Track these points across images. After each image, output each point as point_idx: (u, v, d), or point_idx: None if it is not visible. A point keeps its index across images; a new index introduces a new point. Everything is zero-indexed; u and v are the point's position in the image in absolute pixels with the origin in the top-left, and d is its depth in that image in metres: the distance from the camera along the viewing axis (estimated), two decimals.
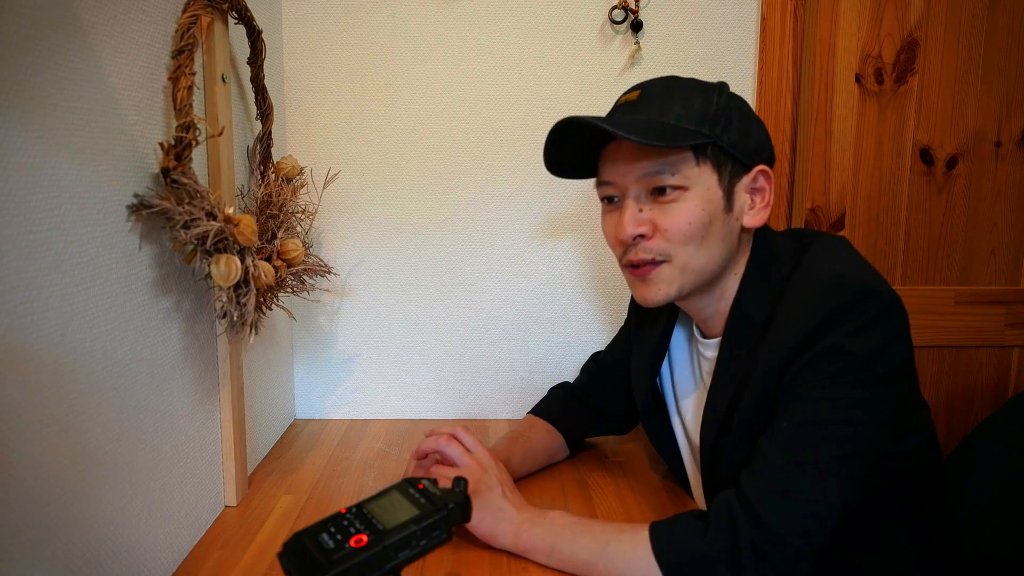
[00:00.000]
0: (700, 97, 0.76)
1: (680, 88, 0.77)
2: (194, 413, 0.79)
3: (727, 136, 0.75)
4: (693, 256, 0.76)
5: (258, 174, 0.98)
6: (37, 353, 0.52)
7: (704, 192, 0.75)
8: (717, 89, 0.78)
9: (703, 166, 0.75)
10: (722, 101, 0.76)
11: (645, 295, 0.79)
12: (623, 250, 0.79)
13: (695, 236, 0.75)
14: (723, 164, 0.76)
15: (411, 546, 0.53)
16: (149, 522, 0.69)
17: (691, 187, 0.75)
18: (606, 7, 1.16)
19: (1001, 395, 1.33)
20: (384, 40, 1.17)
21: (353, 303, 1.23)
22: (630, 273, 0.80)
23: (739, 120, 0.77)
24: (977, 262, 1.30)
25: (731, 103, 0.77)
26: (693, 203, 0.75)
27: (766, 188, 0.78)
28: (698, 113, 0.75)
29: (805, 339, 0.69)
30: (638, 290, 0.80)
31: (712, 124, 0.75)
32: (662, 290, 0.78)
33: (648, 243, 0.76)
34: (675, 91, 0.77)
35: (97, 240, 0.60)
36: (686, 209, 0.74)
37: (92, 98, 0.59)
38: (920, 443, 0.78)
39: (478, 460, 0.83)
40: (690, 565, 0.67)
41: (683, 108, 0.75)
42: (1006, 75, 1.25)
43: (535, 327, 1.24)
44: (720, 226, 0.76)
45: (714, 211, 0.75)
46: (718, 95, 0.77)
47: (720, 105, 0.76)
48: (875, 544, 0.77)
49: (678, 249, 0.76)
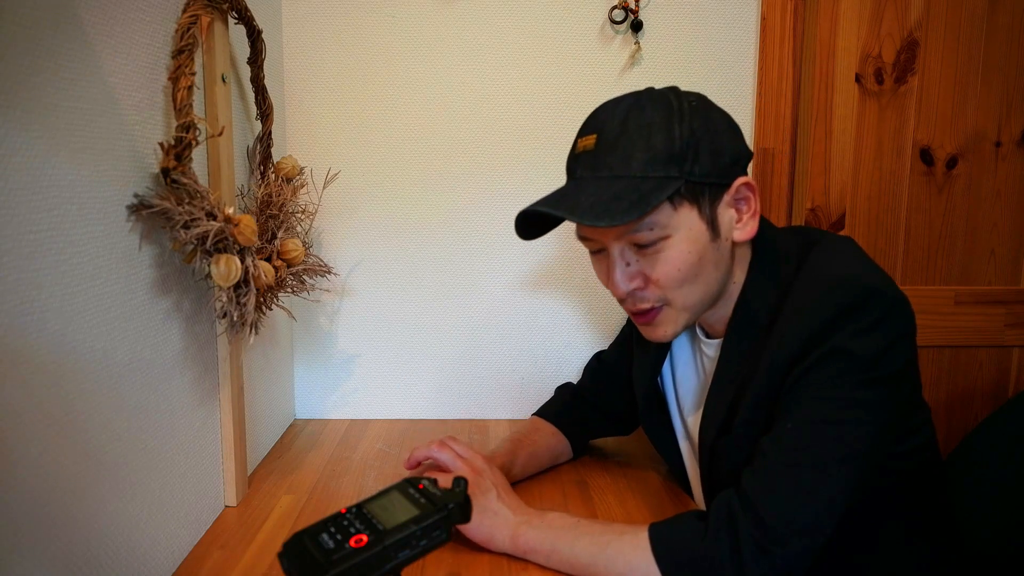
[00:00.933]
0: (661, 133, 0.71)
1: (639, 127, 0.72)
2: (194, 413, 0.79)
3: (698, 168, 0.71)
4: (690, 294, 0.75)
5: (258, 174, 0.98)
6: (37, 353, 0.52)
7: (687, 233, 0.73)
8: (677, 114, 0.72)
9: (680, 208, 0.72)
10: (684, 129, 0.71)
11: (653, 336, 0.80)
12: (621, 301, 0.79)
13: (689, 277, 0.74)
14: (700, 196, 0.72)
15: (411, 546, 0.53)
16: (149, 522, 0.69)
17: (673, 233, 0.72)
18: (606, 7, 1.16)
19: (1001, 395, 1.33)
20: (384, 40, 1.17)
21: (353, 303, 1.23)
22: (634, 319, 0.81)
23: (707, 141, 0.72)
24: (977, 262, 1.30)
25: (693, 122, 0.72)
26: (679, 248, 0.73)
27: (750, 196, 0.76)
28: (663, 154, 0.70)
29: (809, 340, 0.69)
30: (646, 332, 0.80)
31: (680, 162, 0.71)
32: (669, 330, 0.78)
33: (644, 292, 0.76)
34: (633, 131, 0.72)
35: (97, 240, 0.60)
36: (673, 256, 0.73)
37: (92, 98, 0.59)
38: (920, 443, 0.78)
39: (471, 464, 0.83)
40: (690, 565, 0.67)
41: (646, 152, 0.71)
42: (1006, 75, 1.25)
43: (535, 327, 1.24)
44: (711, 256, 0.75)
45: (702, 247, 0.74)
46: (679, 123, 0.71)
47: (683, 135, 0.71)
48: (876, 544, 0.77)
49: (674, 293, 0.75)
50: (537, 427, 1.02)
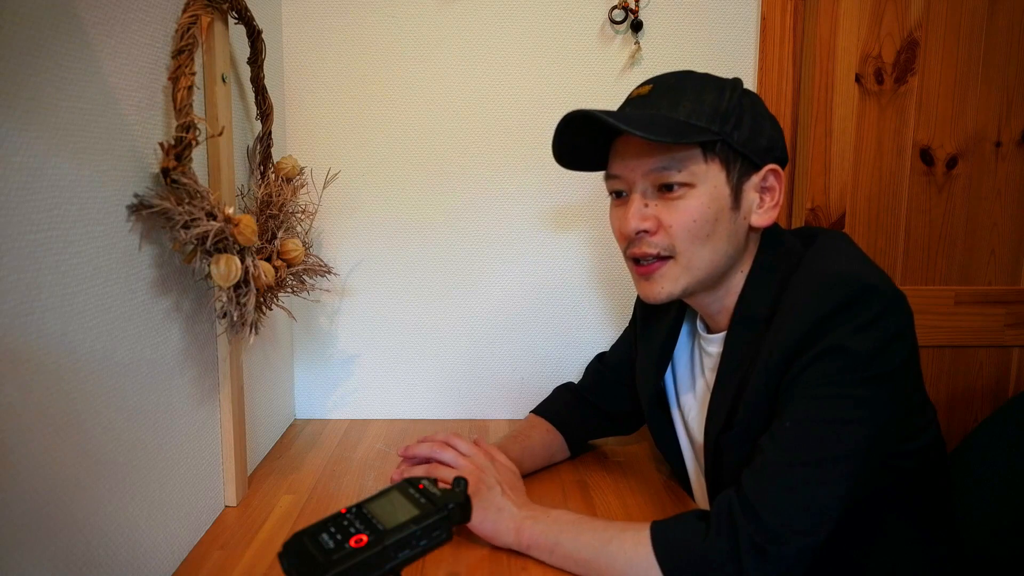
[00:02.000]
0: (712, 93, 0.76)
1: (693, 83, 0.77)
2: (194, 413, 0.79)
3: (737, 134, 0.75)
4: (698, 253, 0.76)
5: (258, 174, 0.98)
6: (37, 353, 0.52)
7: (711, 189, 0.75)
8: (731, 85, 0.77)
9: (711, 163, 0.75)
10: (734, 98, 0.76)
11: (649, 292, 0.79)
12: (627, 243, 0.79)
13: (700, 233, 0.75)
14: (732, 162, 0.75)
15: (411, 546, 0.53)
16: (149, 522, 0.69)
17: (698, 184, 0.74)
18: (606, 7, 1.16)
19: (1001, 395, 1.33)
20: (384, 40, 1.17)
21: (353, 303, 1.23)
22: (635, 269, 0.80)
23: (751, 118, 0.76)
24: (977, 262, 1.30)
25: (744, 100, 0.76)
26: (699, 200, 0.74)
27: (776, 187, 0.78)
28: (709, 109, 0.74)
29: (806, 337, 0.69)
30: (642, 287, 0.80)
31: (723, 121, 0.74)
32: (665, 288, 0.78)
33: (653, 238, 0.77)
34: (688, 86, 0.77)
35: (97, 240, 0.60)
36: (692, 206, 0.74)
37: (92, 98, 0.59)
38: (925, 444, 0.78)
39: (474, 461, 0.83)
40: (690, 565, 0.67)
41: (694, 104, 0.75)
42: (1006, 75, 1.25)
43: (535, 327, 1.24)
44: (726, 224, 0.76)
45: (720, 209, 0.75)
46: (731, 91, 0.76)
47: (732, 102, 0.75)
48: (877, 542, 0.77)
49: (683, 246, 0.76)
50: (533, 424, 1.02)
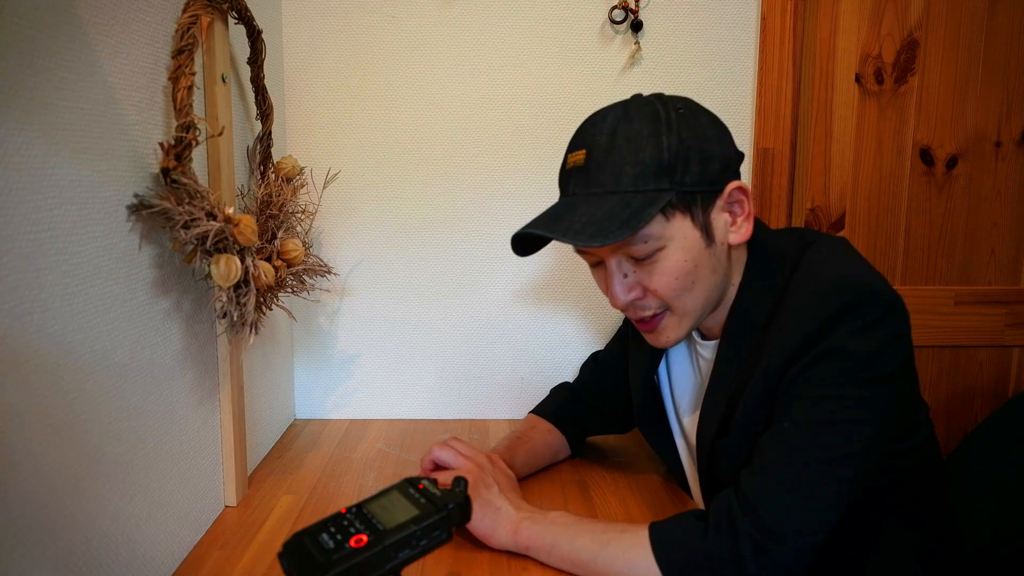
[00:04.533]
0: (650, 145, 0.71)
1: (627, 140, 0.72)
2: (194, 413, 0.79)
3: (689, 177, 0.71)
4: (690, 301, 0.76)
5: (258, 174, 0.98)
6: (37, 353, 0.52)
7: (682, 242, 0.73)
8: (664, 124, 0.72)
9: (673, 219, 0.72)
10: (672, 140, 0.71)
11: (657, 343, 0.81)
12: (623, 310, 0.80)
13: (687, 283, 0.75)
14: (693, 204, 0.73)
15: (411, 546, 0.53)
16: (149, 522, 0.69)
17: (668, 243, 0.73)
18: (606, 7, 1.16)
19: (1001, 395, 1.33)
20: (384, 40, 1.17)
21: (353, 303, 1.23)
22: (637, 326, 0.81)
23: (696, 150, 0.72)
24: (977, 262, 1.30)
25: (682, 131, 0.71)
26: (674, 258, 0.73)
27: (743, 200, 0.76)
28: (653, 166, 0.70)
29: (806, 340, 0.69)
30: (650, 339, 0.81)
31: (670, 173, 0.71)
32: (672, 336, 0.79)
33: (644, 301, 0.77)
34: (622, 145, 0.72)
35: (97, 240, 0.60)
36: (669, 266, 0.73)
37: (92, 98, 0.59)
38: (919, 442, 0.78)
39: (474, 460, 0.83)
40: (690, 565, 0.67)
41: (635, 167, 0.71)
42: (1006, 75, 1.25)
43: (535, 327, 1.24)
44: (707, 262, 0.75)
45: (697, 253, 0.74)
46: (667, 132, 0.71)
47: (672, 145, 0.71)
48: (875, 542, 0.77)
49: (674, 300, 0.76)
50: (534, 425, 1.02)
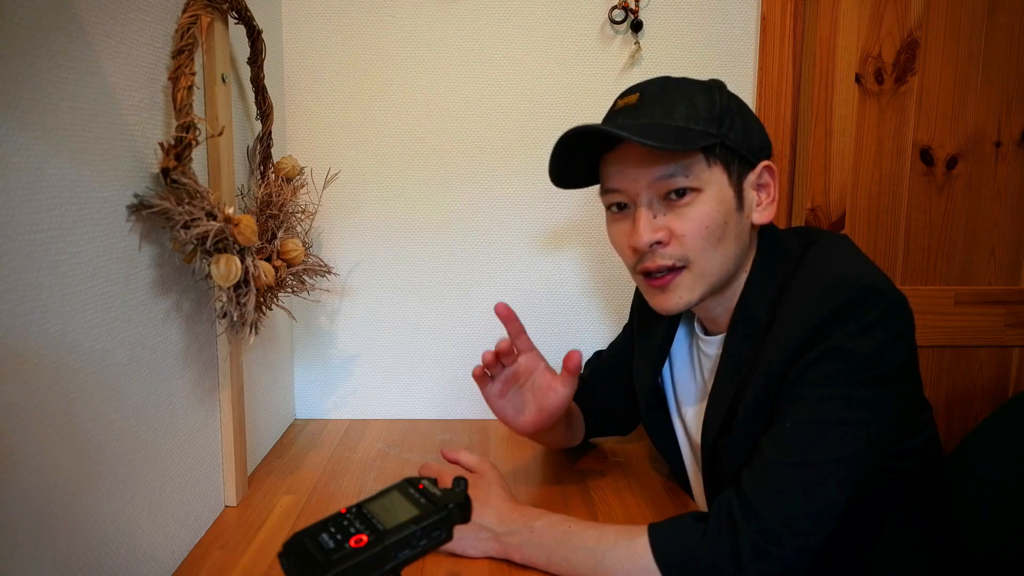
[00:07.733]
0: (703, 96, 0.75)
1: (680, 88, 0.76)
2: (194, 413, 0.79)
3: (733, 135, 0.74)
4: (711, 259, 0.75)
5: (258, 174, 0.98)
6: (37, 353, 0.52)
7: (717, 193, 0.74)
8: (717, 87, 0.77)
9: (714, 167, 0.74)
10: (724, 99, 0.76)
11: (664, 304, 0.77)
12: (637, 258, 0.77)
13: (713, 239, 0.74)
14: (731, 163, 0.75)
15: (411, 546, 0.53)
16: (149, 522, 0.69)
17: (705, 189, 0.74)
18: (606, 7, 1.16)
19: (1001, 395, 1.33)
20: (384, 40, 1.17)
21: (353, 303, 1.23)
22: (647, 283, 0.78)
23: (742, 118, 0.76)
24: (977, 262, 1.30)
25: (731, 101, 0.77)
26: (709, 205, 0.74)
27: (771, 183, 0.78)
28: (704, 113, 0.74)
29: (808, 339, 0.69)
30: (656, 299, 0.78)
31: (719, 123, 0.74)
32: (683, 298, 0.76)
33: (665, 249, 0.75)
34: (676, 91, 0.76)
35: (97, 240, 0.60)
36: (702, 212, 0.73)
37: (92, 98, 0.59)
38: (922, 443, 0.78)
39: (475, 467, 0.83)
40: (689, 565, 0.67)
41: (688, 108, 0.74)
42: (1006, 75, 1.25)
43: (535, 328, 1.23)
44: (734, 226, 0.76)
45: (728, 211, 0.75)
46: (719, 93, 0.76)
47: (723, 103, 0.75)
48: (876, 542, 0.77)
49: (696, 254, 0.74)
50: None
